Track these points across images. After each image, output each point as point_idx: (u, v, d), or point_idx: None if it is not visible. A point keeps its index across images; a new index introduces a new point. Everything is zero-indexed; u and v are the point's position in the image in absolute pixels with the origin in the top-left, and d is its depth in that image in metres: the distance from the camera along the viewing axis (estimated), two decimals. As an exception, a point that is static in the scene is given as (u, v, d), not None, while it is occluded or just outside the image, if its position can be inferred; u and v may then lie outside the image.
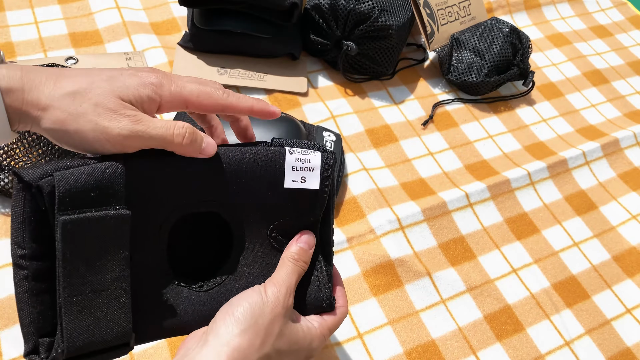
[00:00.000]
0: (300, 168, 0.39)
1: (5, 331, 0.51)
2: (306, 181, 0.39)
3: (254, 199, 0.39)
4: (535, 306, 0.64)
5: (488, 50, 0.84)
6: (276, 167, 0.39)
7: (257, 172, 0.38)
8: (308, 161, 0.39)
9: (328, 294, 0.42)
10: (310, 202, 0.40)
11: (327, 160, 0.39)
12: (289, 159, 0.39)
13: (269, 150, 0.39)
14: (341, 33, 0.79)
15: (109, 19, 0.81)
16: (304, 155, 0.39)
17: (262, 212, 0.39)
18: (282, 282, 0.38)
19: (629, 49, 1.07)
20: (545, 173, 0.77)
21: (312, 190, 0.39)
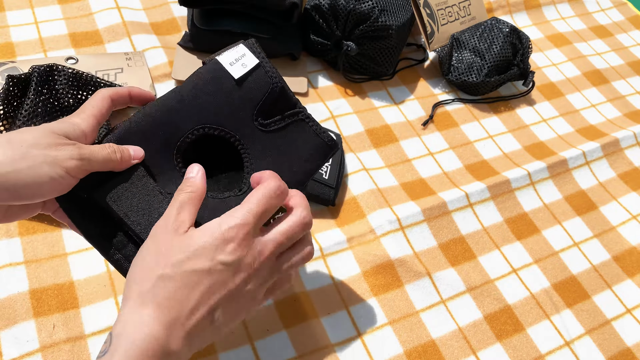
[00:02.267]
0: (235, 60, 0.45)
1: (5, 331, 0.51)
2: (247, 65, 0.45)
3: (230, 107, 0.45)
4: (535, 306, 0.64)
5: (488, 50, 0.84)
6: (222, 73, 0.45)
7: (213, 86, 0.45)
8: (236, 52, 0.46)
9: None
10: (261, 78, 0.45)
11: (250, 43, 0.46)
12: (222, 60, 0.45)
13: (208, 68, 0.45)
14: (341, 33, 0.79)
15: (109, 19, 0.81)
16: (232, 53, 0.46)
17: (240, 111, 0.45)
18: (163, 215, 0.39)
19: (629, 49, 1.07)
20: (545, 173, 0.77)
21: (256, 68, 0.45)
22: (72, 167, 0.36)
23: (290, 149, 0.47)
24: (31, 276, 0.54)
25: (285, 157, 0.46)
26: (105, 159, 0.39)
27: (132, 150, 0.41)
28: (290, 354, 0.55)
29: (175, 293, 0.35)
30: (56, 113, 0.63)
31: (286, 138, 0.47)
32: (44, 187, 0.35)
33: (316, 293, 0.60)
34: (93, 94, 0.43)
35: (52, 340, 0.51)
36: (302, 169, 0.47)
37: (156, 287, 0.35)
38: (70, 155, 0.36)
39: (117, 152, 0.40)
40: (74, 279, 0.55)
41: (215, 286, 0.36)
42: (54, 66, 0.63)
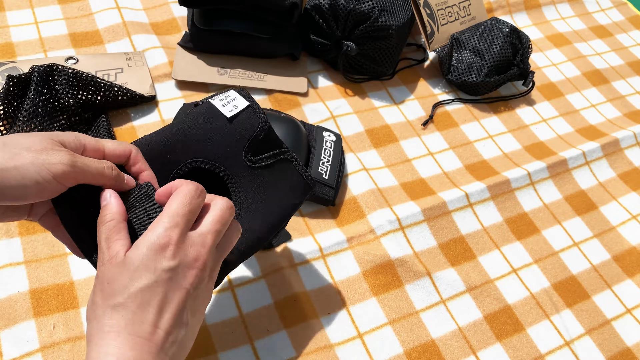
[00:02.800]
0: (227, 102, 0.48)
1: (5, 331, 0.51)
2: (238, 107, 0.48)
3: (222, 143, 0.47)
4: (535, 306, 0.64)
5: (488, 50, 0.84)
6: (215, 113, 0.48)
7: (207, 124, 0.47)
8: (228, 96, 0.49)
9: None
10: (251, 117, 0.48)
11: (240, 91, 0.50)
12: (216, 103, 0.48)
13: (201, 108, 0.48)
14: (341, 33, 0.79)
15: (109, 19, 0.81)
16: (223, 96, 0.49)
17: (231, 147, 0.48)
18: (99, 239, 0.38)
19: (629, 49, 1.07)
20: (545, 173, 0.77)
21: (246, 108, 0.48)
22: (60, 173, 0.35)
23: (275, 184, 0.49)
24: (31, 276, 0.54)
25: (271, 191, 0.49)
26: (98, 171, 0.38)
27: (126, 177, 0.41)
28: (290, 354, 0.55)
29: (133, 317, 0.34)
30: (56, 113, 0.63)
31: (272, 175, 0.49)
32: (28, 189, 0.34)
33: (316, 293, 0.60)
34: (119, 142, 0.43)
35: (52, 340, 0.51)
36: (287, 203, 0.50)
37: (112, 319, 0.34)
38: (60, 160, 0.35)
39: (113, 169, 0.39)
40: (74, 279, 0.55)
41: (170, 293, 0.36)
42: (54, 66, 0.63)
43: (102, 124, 0.66)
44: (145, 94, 0.71)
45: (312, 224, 0.65)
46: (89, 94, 0.66)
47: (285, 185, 0.50)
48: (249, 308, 0.57)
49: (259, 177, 0.49)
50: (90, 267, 0.57)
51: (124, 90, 0.69)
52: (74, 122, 0.64)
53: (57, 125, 0.62)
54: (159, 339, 0.35)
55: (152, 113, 0.72)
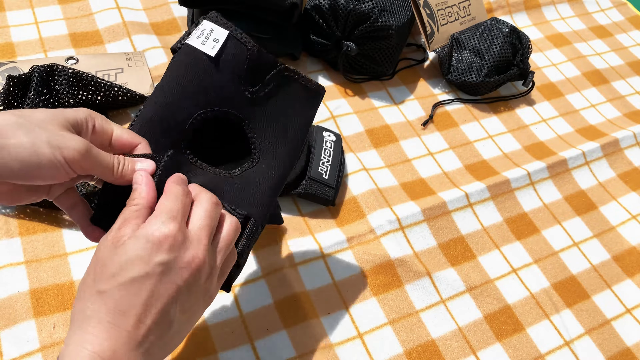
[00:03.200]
0: (206, 38, 0.44)
1: (5, 331, 0.51)
2: (218, 40, 0.44)
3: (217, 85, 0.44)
4: (535, 306, 0.64)
5: (488, 50, 0.84)
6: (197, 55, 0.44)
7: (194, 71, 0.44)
8: (204, 30, 0.44)
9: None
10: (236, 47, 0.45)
11: (212, 16, 0.45)
12: (193, 43, 0.44)
13: (182, 55, 0.44)
14: (341, 33, 0.79)
15: (109, 19, 0.81)
16: (198, 30, 0.45)
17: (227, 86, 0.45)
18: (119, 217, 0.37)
19: (629, 49, 1.07)
20: (545, 173, 0.77)
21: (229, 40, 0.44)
22: (71, 158, 0.35)
23: (283, 106, 0.47)
24: (31, 276, 0.54)
25: (282, 115, 0.47)
26: (108, 166, 0.38)
27: (138, 164, 0.39)
28: (290, 353, 0.55)
29: (116, 306, 0.34)
30: (56, 113, 0.63)
31: (277, 97, 0.47)
32: (42, 169, 0.34)
33: (316, 293, 0.60)
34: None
35: (52, 340, 0.51)
36: (299, 121, 0.48)
37: (95, 304, 0.34)
38: (75, 147, 0.35)
39: (121, 165, 0.39)
40: (74, 278, 0.55)
41: (161, 288, 0.35)
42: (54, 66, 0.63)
43: None
44: (145, 94, 0.71)
45: (312, 223, 0.65)
46: (89, 94, 0.66)
47: (294, 102, 0.48)
48: (249, 308, 0.57)
49: (266, 105, 0.47)
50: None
51: (124, 90, 0.69)
52: (74, 122, 0.64)
53: (57, 125, 0.62)
54: (139, 333, 0.34)
55: (152, 113, 0.72)
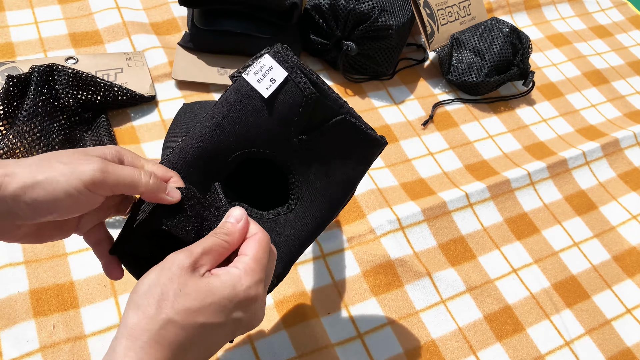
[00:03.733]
0: (263, 76, 0.41)
1: (5, 331, 0.51)
2: (276, 80, 0.41)
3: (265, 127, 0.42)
4: (535, 306, 0.64)
5: (488, 50, 0.84)
6: (251, 93, 0.41)
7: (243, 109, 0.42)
8: (263, 66, 0.41)
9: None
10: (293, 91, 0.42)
11: (276, 52, 0.42)
12: (250, 79, 0.41)
13: (235, 89, 0.42)
14: (341, 33, 0.79)
15: (109, 19, 0.81)
16: (257, 65, 0.42)
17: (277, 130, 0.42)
18: (185, 250, 0.35)
19: (629, 49, 1.07)
20: (545, 173, 0.77)
21: (287, 81, 0.41)
22: (89, 180, 0.33)
23: (337, 156, 0.44)
24: (31, 276, 0.54)
25: (330, 165, 0.44)
26: (133, 179, 0.35)
27: (169, 187, 0.38)
28: (290, 354, 0.55)
29: (183, 342, 0.32)
30: (56, 113, 0.63)
31: (332, 145, 0.44)
32: (60, 202, 0.33)
33: (316, 293, 0.60)
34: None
35: (52, 340, 0.51)
36: (348, 173, 0.45)
37: (163, 330, 0.32)
38: (92, 168, 0.33)
39: (152, 177, 0.36)
40: (74, 279, 0.55)
41: (224, 338, 0.35)
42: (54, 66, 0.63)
43: (102, 124, 0.66)
44: (145, 94, 0.71)
45: (312, 224, 0.65)
46: (89, 94, 0.66)
47: (349, 151, 0.44)
48: (249, 308, 0.57)
49: (316, 153, 0.43)
50: (91, 267, 0.56)
51: (124, 90, 0.69)
52: (73, 122, 0.64)
53: (57, 125, 0.62)
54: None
55: (152, 113, 0.72)
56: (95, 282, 0.56)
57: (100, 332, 0.52)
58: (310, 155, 0.43)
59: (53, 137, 0.61)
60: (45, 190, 0.32)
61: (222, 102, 0.42)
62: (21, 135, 0.58)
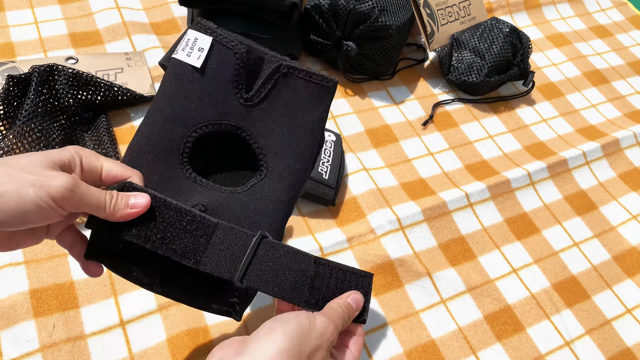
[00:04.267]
0: (191, 49, 0.42)
1: (5, 331, 0.51)
2: (203, 48, 0.42)
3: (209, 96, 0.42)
4: (535, 306, 0.64)
5: (488, 50, 0.84)
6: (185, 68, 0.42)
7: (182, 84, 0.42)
8: (188, 40, 0.42)
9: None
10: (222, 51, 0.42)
11: (197, 23, 0.43)
12: (179, 56, 0.42)
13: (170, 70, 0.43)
14: (341, 33, 0.79)
15: (109, 19, 0.81)
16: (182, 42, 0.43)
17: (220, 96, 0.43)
18: (332, 318, 0.39)
19: (629, 49, 1.07)
20: (545, 173, 0.77)
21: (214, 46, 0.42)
22: (59, 197, 0.34)
23: (287, 108, 0.43)
24: (31, 276, 0.54)
25: (287, 118, 0.43)
26: (99, 203, 0.36)
27: (132, 200, 0.38)
28: (290, 354, 0.55)
29: None
30: (56, 113, 0.63)
31: (279, 99, 0.43)
32: (28, 214, 0.33)
33: (316, 293, 0.60)
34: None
35: (52, 340, 0.51)
36: (308, 121, 0.44)
37: None
38: (62, 184, 0.34)
39: (113, 200, 0.37)
40: (74, 278, 0.55)
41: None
42: (54, 66, 0.63)
43: (102, 124, 0.66)
44: (145, 94, 0.71)
45: (312, 223, 0.65)
46: (89, 94, 0.66)
47: (298, 101, 0.44)
48: (250, 308, 0.57)
49: (267, 110, 0.43)
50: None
51: (123, 90, 0.69)
52: (74, 122, 0.64)
53: (57, 125, 0.62)
54: None
55: (152, 113, 0.72)
56: (95, 282, 0.56)
57: (100, 332, 0.52)
58: (261, 112, 0.43)
59: (53, 137, 0.61)
60: (13, 201, 0.33)
61: (161, 86, 0.43)
62: (21, 135, 0.58)
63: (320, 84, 0.44)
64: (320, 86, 0.44)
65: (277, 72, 0.43)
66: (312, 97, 0.44)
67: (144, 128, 0.43)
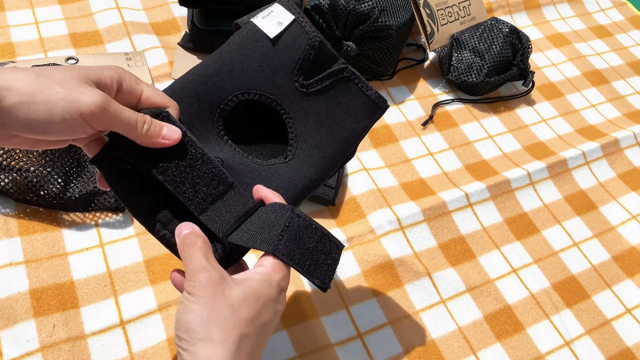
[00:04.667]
0: (270, 19, 0.43)
1: (5, 331, 0.51)
2: (282, 23, 0.43)
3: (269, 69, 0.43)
4: (535, 306, 0.64)
5: (488, 50, 0.84)
6: (258, 34, 0.43)
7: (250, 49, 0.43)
8: (272, 11, 0.43)
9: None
10: (297, 34, 0.43)
11: (285, 2, 0.44)
12: (257, 22, 0.43)
13: (243, 31, 0.44)
14: (341, 33, 0.79)
15: (109, 19, 0.81)
16: (266, 11, 0.44)
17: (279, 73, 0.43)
18: (193, 271, 0.36)
19: (629, 49, 1.07)
20: (545, 173, 0.77)
21: (291, 24, 0.43)
22: (88, 113, 0.33)
23: (334, 109, 0.44)
24: (31, 276, 0.54)
25: (329, 118, 0.44)
26: (130, 123, 0.36)
27: (165, 130, 0.38)
28: (290, 353, 0.55)
29: (252, 349, 0.36)
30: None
31: (330, 98, 0.44)
32: (54, 125, 0.33)
33: (316, 293, 0.60)
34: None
35: (52, 340, 0.51)
36: (348, 129, 0.45)
37: (240, 349, 0.34)
38: (92, 101, 0.33)
39: (145, 124, 0.37)
40: (74, 278, 0.55)
41: (272, 328, 0.38)
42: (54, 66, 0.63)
43: None
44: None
45: (312, 224, 0.65)
46: (89, 94, 0.66)
47: (347, 107, 0.45)
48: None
49: (315, 102, 0.44)
50: (91, 267, 0.56)
51: (124, 90, 0.69)
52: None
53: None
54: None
55: (152, 113, 0.72)
56: (95, 282, 0.56)
57: (101, 332, 0.52)
58: (310, 103, 0.44)
59: (53, 137, 0.61)
60: (41, 111, 0.33)
61: (229, 43, 0.44)
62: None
63: (374, 100, 0.45)
64: (373, 103, 0.45)
65: (339, 73, 0.44)
66: (361, 109, 0.45)
67: (198, 69, 0.43)
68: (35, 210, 0.59)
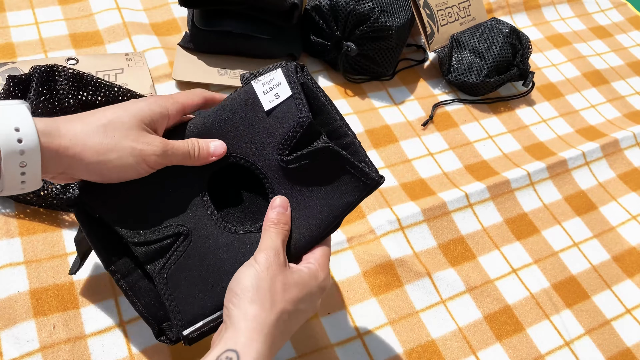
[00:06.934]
0: (270, 89, 0.44)
1: (5, 331, 0.51)
2: (280, 96, 0.44)
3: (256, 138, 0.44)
4: (535, 306, 0.64)
5: (488, 50, 0.84)
6: (253, 102, 0.44)
7: (241, 115, 0.45)
8: (273, 79, 0.44)
9: None
10: (290, 110, 0.44)
11: (288, 69, 0.44)
12: (257, 88, 0.44)
13: (241, 93, 0.45)
14: (341, 34, 0.79)
15: (110, 20, 0.81)
16: (267, 77, 0.44)
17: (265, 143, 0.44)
18: (268, 247, 0.42)
19: (629, 49, 1.07)
20: (545, 173, 0.78)
21: (288, 100, 0.44)
22: (153, 162, 0.41)
23: (316, 185, 0.44)
24: (31, 276, 0.55)
25: (312, 198, 0.44)
26: (184, 155, 0.43)
27: (212, 147, 0.44)
28: (290, 354, 0.55)
29: (287, 327, 0.40)
30: (56, 114, 0.63)
31: (313, 175, 0.44)
32: (127, 174, 0.41)
33: (316, 293, 0.60)
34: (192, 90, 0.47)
35: (52, 340, 0.51)
36: (330, 205, 0.44)
37: (279, 321, 0.39)
38: (154, 152, 0.41)
39: (196, 149, 0.43)
40: (74, 278, 0.55)
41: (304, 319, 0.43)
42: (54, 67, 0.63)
43: None
44: (145, 95, 0.71)
45: (312, 224, 0.65)
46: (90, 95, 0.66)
47: (332, 184, 0.44)
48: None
49: (297, 177, 0.44)
50: (91, 267, 0.57)
51: (124, 91, 0.69)
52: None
53: (58, 125, 0.62)
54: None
55: (152, 113, 0.72)
56: (95, 282, 0.56)
57: (101, 332, 0.53)
58: (291, 177, 0.44)
59: (53, 138, 0.61)
60: (115, 168, 0.40)
61: (227, 100, 0.46)
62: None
63: (360, 178, 0.44)
64: (360, 181, 0.44)
65: (323, 152, 0.43)
66: (348, 186, 0.44)
67: (198, 121, 0.45)
68: (35, 211, 0.59)
